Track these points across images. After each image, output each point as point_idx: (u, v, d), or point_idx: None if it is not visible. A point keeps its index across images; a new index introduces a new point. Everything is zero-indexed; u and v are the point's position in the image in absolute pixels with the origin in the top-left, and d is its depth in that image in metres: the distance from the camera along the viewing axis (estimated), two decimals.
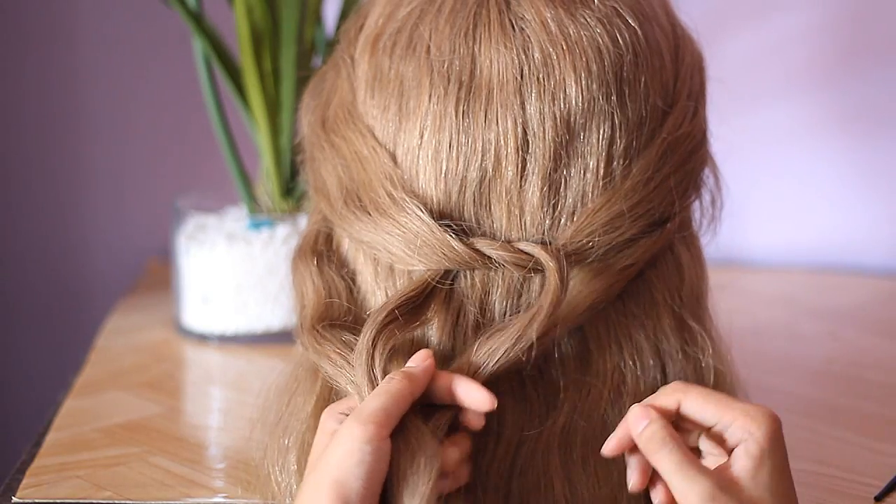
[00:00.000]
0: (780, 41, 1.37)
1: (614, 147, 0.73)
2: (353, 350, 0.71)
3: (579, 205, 0.72)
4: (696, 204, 0.79)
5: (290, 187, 1.18)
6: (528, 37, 0.73)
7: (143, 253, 1.44)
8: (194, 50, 1.17)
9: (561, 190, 0.72)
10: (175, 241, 1.18)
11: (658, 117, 0.75)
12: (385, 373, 0.69)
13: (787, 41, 1.37)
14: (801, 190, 1.40)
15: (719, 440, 0.68)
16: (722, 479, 0.65)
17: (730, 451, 0.67)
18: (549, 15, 0.73)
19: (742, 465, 0.66)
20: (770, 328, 1.18)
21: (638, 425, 0.67)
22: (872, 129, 1.38)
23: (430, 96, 0.73)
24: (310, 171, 0.80)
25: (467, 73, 0.73)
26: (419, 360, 0.69)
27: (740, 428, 0.67)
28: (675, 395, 0.68)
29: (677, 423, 0.69)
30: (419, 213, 0.72)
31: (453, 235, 0.71)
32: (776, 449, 0.66)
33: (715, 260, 0.82)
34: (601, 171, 0.73)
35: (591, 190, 0.72)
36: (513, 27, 0.73)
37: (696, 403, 0.68)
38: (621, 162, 0.73)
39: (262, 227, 1.16)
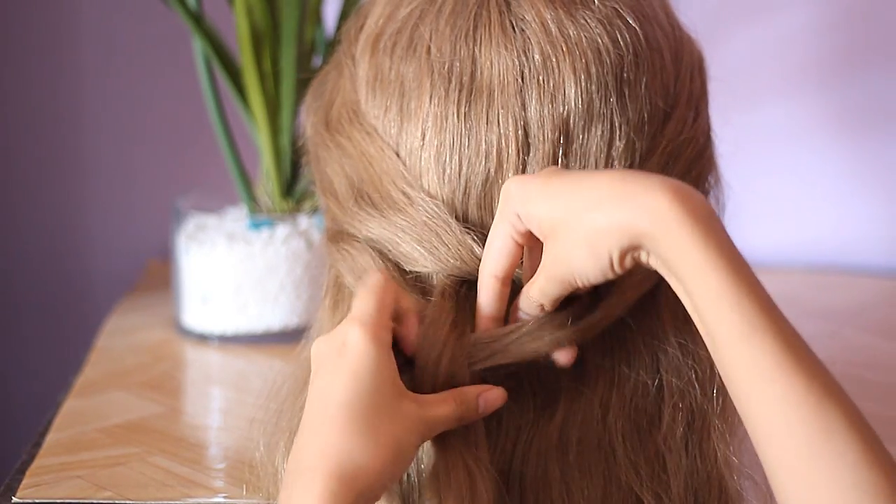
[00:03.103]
0: (780, 41, 1.37)
1: (614, 148, 0.73)
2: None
3: None
4: None
5: (290, 187, 1.18)
6: (529, 38, 0.73)
7: (143, 253, 1.44)
8: (194, 50, 1.17)
9: None
10: (175, 241, 1.18)
11: (659, 118, 0.74)
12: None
13: (787, 41, 1.37)
14: (801, 190, 1.40)
15: None
16: None
17: None
18: (549, 16, 0.73)
19: (534, 231, 0.69)
20: None
21: None
22: (872, 129, 1.38)
23: (430, 97, 0.73)
24: (315, 172, 0.80)
25: (468, 75, 0.73)
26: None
27: (510, 213, 0.69)
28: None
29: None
30: (441, 212, 0.72)
31: (476, 240, 0.71)
32: (528, 185, 0.68)
33: None
34: None
35: None
36: (513, 28, 0.73)
37: (493, 255, 0.70)
38: (622, 164, 0.73)
39: (262, 227, 1.16)
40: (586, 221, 0.65)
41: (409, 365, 0.69)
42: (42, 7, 1.39)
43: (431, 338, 0.69)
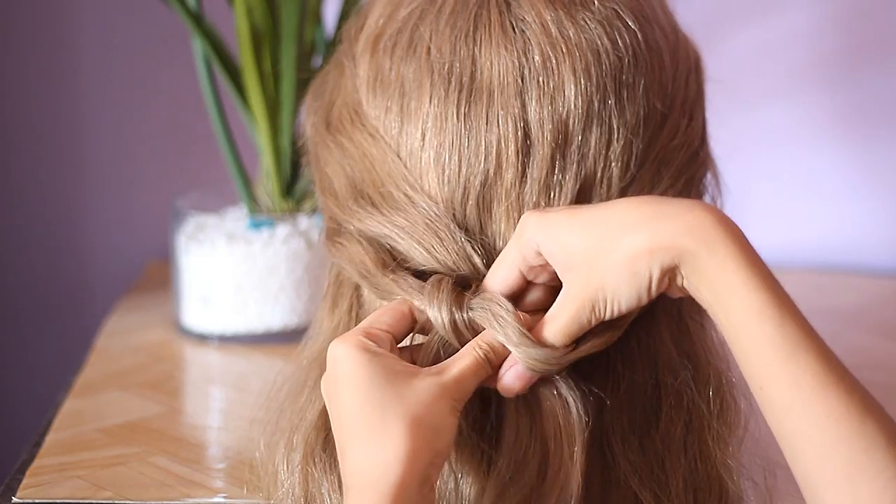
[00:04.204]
0: (779, 41, 1.37)
1: (612, 150, 0.73)
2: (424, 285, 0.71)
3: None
4: None
5: (290, 187, 1.18)
6: (529, 39, 0.72)
7: (143, 253, 1.44)
8: (194, 50, 1.17)
9: (557, 193, 0.72)
10: (175, 241, 1.18)
11: (657, 121, 0.74)
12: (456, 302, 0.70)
13: (787, 41, 1.37)
14: (801, 190, 1.40)
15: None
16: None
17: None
18: (549, 17, 0.73)
19: (553, 263, 0.68)
20: None
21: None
22: (872, 129, 1.38)
23: (430, 98, 0.73)
24: (315, 171, 0.80)
25: (468, 75, 0.72)
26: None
27: (528, 245, 0.69)
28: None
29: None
30: (443, 217, 0.72)
31: (475, 250, 0.71)
32: (552, 219, 0.68)
33: None
34: (598, 174, 0.72)
35: (586, 192, 0.72)
36: (513, 29, 0.73)
37: (499, 279, 0.70)
38: (619, 165, 0.73)
39: (262, 227, 1.16)
40: (625, 243, 0.65)
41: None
42: (42, 7, 1.39)
43: (432, 300, 0.70)
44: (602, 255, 0.65)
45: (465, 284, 0.71)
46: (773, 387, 0.62)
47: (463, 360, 0.68)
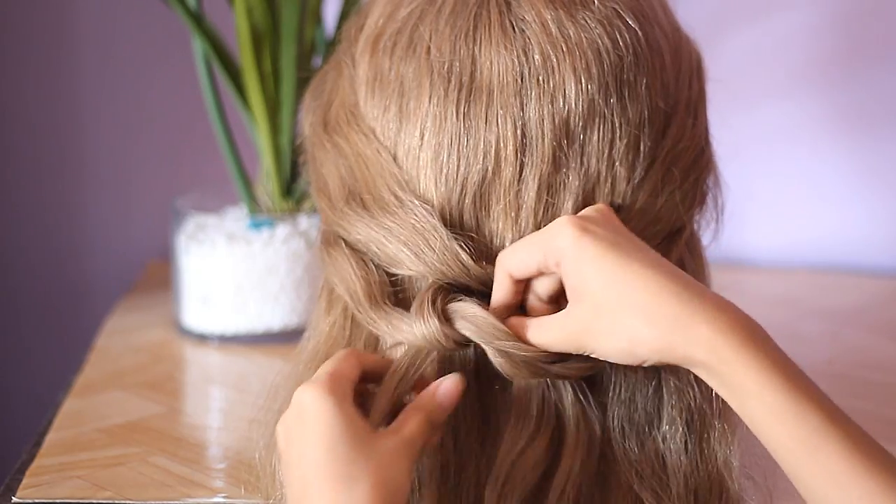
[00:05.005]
0: (779, 41, 1.37)
1: (615, 150, 0.73)
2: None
3: (576, 209, 0.72)
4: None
5: (290, 187, 1.18)
6: (529, 38, 0.72)
7: (143, 253, 1.44)
8: (194, 50, 1.17)
9: (559, 193, 0.72)
10: (175, 241, 1.18)
11: (661, 120, 0.74)
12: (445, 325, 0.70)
13: (787, 41, 1.37)
14: (801, 190, 1.40)
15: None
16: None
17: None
18: (549, 16, 0.73)
19: (566, 283, 0.67)
20: (770, 328, 1.17)
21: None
22: (872, 130, 1.38)
23: (430, 97, 0.73)
24: (311, 171, 0.80)
25: (467, 75, 0.72)
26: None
27: (553, 252, 0.68)
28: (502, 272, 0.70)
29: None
30: (430, 217, 0.72)
31: (463, 247, 0.71)
32: (585, 245, 0.67)
33: (716, 260, 0.82)
34: (602, 173, 0.72)
35: (591, 192, 0.72)
36: (513, 29, 0.73)
37: (517, 261, 0.69)
38: (624, 165, 0.73)
39: (262, 227, 1.16)
40: (634, 328, 0.65)
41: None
42: (41, 7, 1.39)
43: (417, 318, 0.70)
44: (609, 316, 0.66)
45: (453, 292, 0.71)
46: (806, 478, 0.62)
47: (411, 423, 0.67)
